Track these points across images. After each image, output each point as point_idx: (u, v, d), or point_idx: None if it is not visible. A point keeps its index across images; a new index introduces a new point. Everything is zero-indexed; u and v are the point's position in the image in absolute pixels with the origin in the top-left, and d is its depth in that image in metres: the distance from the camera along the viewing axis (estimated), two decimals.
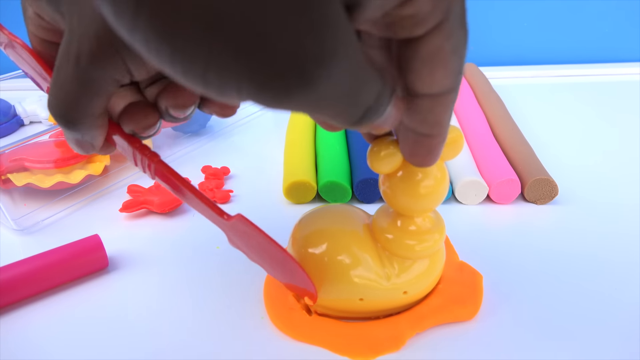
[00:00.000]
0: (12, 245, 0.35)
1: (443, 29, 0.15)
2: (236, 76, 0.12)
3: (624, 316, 0.27)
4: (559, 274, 0.30)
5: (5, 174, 0.38)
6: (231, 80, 0.13)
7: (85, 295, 0.30)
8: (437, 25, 0.15)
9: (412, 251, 0.25)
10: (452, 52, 0.16)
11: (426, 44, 0.15)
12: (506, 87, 0.60)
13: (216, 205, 0.22)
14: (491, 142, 0.43)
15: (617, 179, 0.41)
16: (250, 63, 0.12)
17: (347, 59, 0.13)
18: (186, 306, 0.29)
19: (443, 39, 0.15)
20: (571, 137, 0.49)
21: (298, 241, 0.26)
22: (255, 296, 0.29)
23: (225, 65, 0.12)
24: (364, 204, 0.38)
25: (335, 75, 0.13)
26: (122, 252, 0.33)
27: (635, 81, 0.63)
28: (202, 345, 0.26)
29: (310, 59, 0.12)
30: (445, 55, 0.15)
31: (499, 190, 0.37)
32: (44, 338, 0.27)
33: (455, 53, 0.16)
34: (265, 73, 0.12)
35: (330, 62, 0.13)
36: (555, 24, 0.71)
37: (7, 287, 0.28)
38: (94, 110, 0.19)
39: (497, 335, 0.26)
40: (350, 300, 0.26)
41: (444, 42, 0.15)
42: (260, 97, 0.13)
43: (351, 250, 0.25)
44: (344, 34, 0.13)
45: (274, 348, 0.26)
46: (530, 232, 0.34)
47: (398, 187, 0.23)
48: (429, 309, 0.27)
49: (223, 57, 0.12)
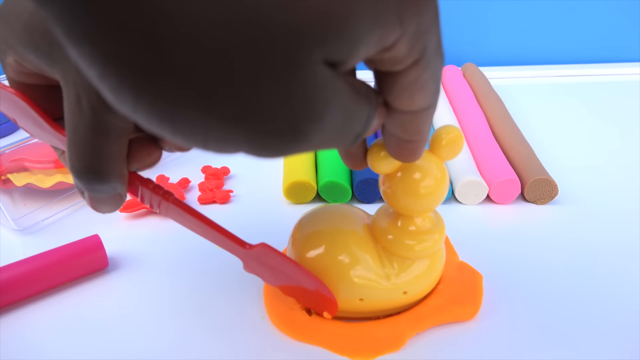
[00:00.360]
0: (12, 245, 0.35)
1: (420, 63, 0.16)
2: (235, 142, 0.14)
3: (624, 316, 0.27)
4: (558, 274, 0.30)
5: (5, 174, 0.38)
6: (230, 145, 0.14)
7: (85, 296, 0.30)
8: (415, 61, 0.15)
9: (412, 251, 0.25)
10: (430, 79, 0.16)
11: (405, 76, 0.16)
12: (506, 87, 0.60)
13: (236, 236, 0.23)
14: (491, 142, 0.43)
15: (617, 179, 0.41)
16: (248, 132, 0.13)
17: (337, 107, 0.14)
18: (186, 306, 0.29)
19: (421, 70, 0.16)
20: (571, 137, 0.49)
21: (298, 241, 0.26)
22: (255, 296, 0.29)
23: (224, 136, 0.13)
24: (364, 204, 0.38)
25: (327, 124, 0.14)
26: (122, 252, 0.33)
27: (635, 81, 0.63)
28: (202, 345, 0.26)
29: (302, 119, 0.13)
30: (424, 83, 0.16)
31: (499, 190, 0.37)
32: (44, 338, 0.27)
33: (433, 79, 0.17)
34: (263, 137, 0.13)
35: (321, 118, 0.14)
36: (555, 24, 0.71)
37: (7, 287, 0.28)
38: (119, 154, 0.19)
39: (497, 335, 0.26)
40: (350, 300, 0.26)
41: (421, 73, 0.16)
42: (259, 155, 0.14)
43: (351, 250, 0.25)
44: (332, 89, 0.14)
45: (274, 348, 0.26)
46: (530, 232, 0.34)
47: (398, 187, 0.23)
48: (429, 309, 0.27)
49: (221, 130, 0.13)
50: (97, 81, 0.12)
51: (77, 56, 0.12)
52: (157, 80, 0.12)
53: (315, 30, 0.12)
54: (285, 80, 0.13)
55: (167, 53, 0.12)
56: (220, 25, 0.11)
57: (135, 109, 0.13)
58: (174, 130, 0.13)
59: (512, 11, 0.70)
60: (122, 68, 0.12)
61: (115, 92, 0.12)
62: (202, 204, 0.39)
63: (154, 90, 0.12)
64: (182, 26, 0.11)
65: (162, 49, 0.11)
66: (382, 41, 0.14)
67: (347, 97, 0.15)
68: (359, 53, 0.14)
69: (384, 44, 0.14)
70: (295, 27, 0.12)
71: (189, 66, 0.12)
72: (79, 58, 0.12)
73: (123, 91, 0.12)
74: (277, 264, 0.25)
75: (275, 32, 0.12)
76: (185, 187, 0.41)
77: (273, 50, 0.12)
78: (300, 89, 0.13)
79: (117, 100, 0.13)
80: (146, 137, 0.21)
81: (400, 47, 0.15)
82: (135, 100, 0.12)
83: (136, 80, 0.12)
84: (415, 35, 0.15)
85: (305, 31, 0.12)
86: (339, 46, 0.13)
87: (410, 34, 0.14)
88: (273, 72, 0.12)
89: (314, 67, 0.13)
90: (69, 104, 0.18)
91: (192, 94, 0.12)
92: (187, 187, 0.41)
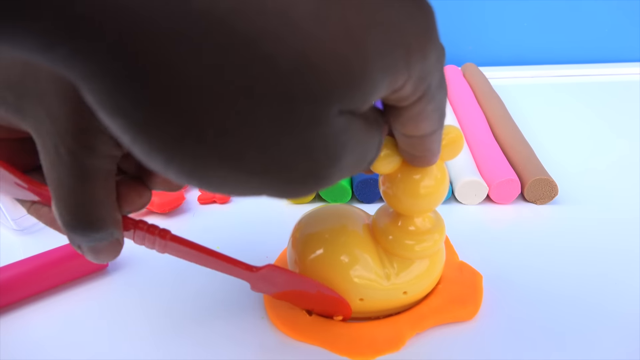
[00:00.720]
0: (12, 245, 0.35)
1: (424, 98, 0.16)
2: (259, 191, 0.15)
3: (624, 317, 0.27)
4: (558, 274, 0.30)
5: None
6: (255, 193, 0.15)
7: (85, 296, 0.30)
8: (419, 97, 0.16)
9: (412, 251, 0.25)
10: (434, 110, 0.17)
11: (410, 110, 0.17)
12: (506, 87, 0.60)
13: (240, 262, 0.23)
14: (491, 142, 0.43)
15: (617, 178, 0.41)
16: (273, 182, 0.14)
17: (352, 146, 0.15)
18: (186, 306, 0.29)
19: (425, 104, 0.17)
20: (571, 137, 0.49)
21: (298, 241, 0.26)
22: (255, 296, 0.29)
23: (251, 187, 0.15)
24: (364, 204, 0.38)
25: (345, 164, 0.15)
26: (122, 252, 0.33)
27: (635, 81, 0.63)
28: (202, 345, 0.26)
29: (323, 166, 0.15)
30: (428, 114, 0.17)
31: (498, 190, 0.37)
32: (44, 338, 0.27)
33: (437, 109, 0.17)
34: (286, 185, 0.15)
35: (340, 161, 0.15)
36: (555, 24, 0.71)
37: (7, 287, 0.28)
38: (108, 199, 0.19)
39: (497, 335, 0.26)
40: (350, 300, 0.25)
41: (425, 106, 0.17)
42: (281, 198, 0.16)
43: (351, 250, 0.25)
44: (347, 133, 0.15)
45: (274, 348, 0.26)
46: (530, 232, 0.34)
47: (398, 188, 0.23)
48: (429, 309, 0.27)
49: (248, 182, 0.14)
50: (129, 144, 0.13)
51: (109, 124, 0.13)
52: (187, 146, 0.13)
53: (336, 89, 0.13)
54: (308, 136, 0.14)
55: (196, 122, 0.12)
56: (246, 94, 0.12)
57: (166, 169, 0.14)
58: (202, 184, 0.14)
59: (512, 11, 0.70)
60: (153, 137, 0.13)
61: (147, 155, 0.13)
62: (202, 204, 0.39)
63: (184, 154, 0.13)
64: (208, 96, 0.12)
65: (190, 119, 0.12)
66: (391, 86, 0.15)
67: (362, 134, 0.16)
68: (372, 100, 0.15)
69: (392, 88, 0.15)
70: (317, 89, 0.13)
71: (218, 132, 0.13)
72: (110, 124, 0.13)
73: (155, 155, 0.13)
74: (284, 281, 0.25)
75: (298, 95, 0.13)
76: (185, 188, 0.41)
77: (296, 111, 0.13)
78: (321, 141, 0.14)
79: (149, 161, 0.14)
80: (133, 179, 0.21)
81: (406, 89, 0.15)
82: (166, 162, 0.13)
83: (167, 146, 0.13)
84: (420, 78, 0.15)
85: (327, 91, 0.13)
86: (356, 99, 0.14)
87: (415, 77, 0.15)
88: (296, 131, 0.13)
89: (333, 120, 0.14)
90: (47, 155, 0.17)
91: (222, 156, 0.13)
92: (187, 187, 0.41)
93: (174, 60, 0.11)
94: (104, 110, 0.12)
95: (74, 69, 0.11)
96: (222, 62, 0.12)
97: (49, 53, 0.11)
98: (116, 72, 0.11)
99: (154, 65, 0.11)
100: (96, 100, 0.12)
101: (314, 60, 0.12)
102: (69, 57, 0.11)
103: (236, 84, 0.12)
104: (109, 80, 0.11)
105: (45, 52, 0.11)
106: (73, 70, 0.11)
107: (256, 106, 0.12)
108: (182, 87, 0.12)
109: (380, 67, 0.14)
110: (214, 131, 0.12)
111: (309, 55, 0.12)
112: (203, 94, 0.12)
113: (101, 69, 0.11)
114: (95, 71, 0.11)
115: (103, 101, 0.12)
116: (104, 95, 0.12)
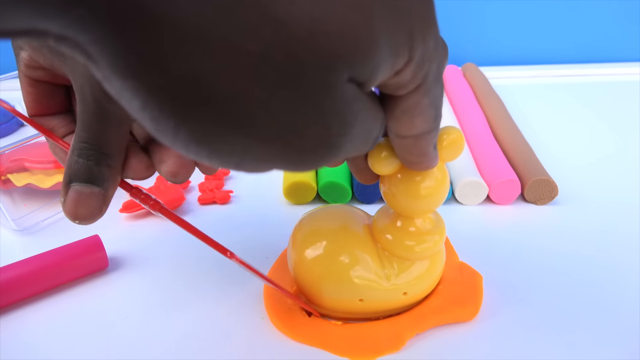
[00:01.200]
0: (12, 245, 0.35)
1: (421, 89, 0.17)
2: (270, 161, 0.15)
3: (625, 316, 0.27)
4: (559, 275, 0.30)
5: (5, 175, 0.38)
6: (265, 164, 0.15)
7: (85, 296, 0.30)
8: (416, 87, 0.17)
9: (412, 252, 0.25)
10: (429, 105, 0.17)
11: (406, 100, 0.17)
12: (506, 87, 0.60)
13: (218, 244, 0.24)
14: (491, 142, 0.43)
15: (617, 179, 0.41)
16: (284, 150, 0.14)
17: (362, 117, 0.16)
18: (186, 306, 0.29)
19: (421, 96, 0.17)
20: (571, 137, 0.49)
21: (298, 242, 0.26)
22: (255, 296, 0.29)
23: (260, 155, 0.14)
24: (364, 204, 0.38)
25: (356, 134, 0.16)
26: (122, 252, 0.33)
27: (635, 81, 0.63)
28: (202, 345, 0.26)
29: (336, 134, 0.15)
30: (423, 108, 0.17)
31: (499, 191, 0.37)
32: (44, 339, 0.27)
33: (432, 105, 0.18)
34: (298, 154, 0.15)
35: (352, 129, 0.15)
36: (555, 24, 0.71)
37: (8, 288, 0.28)
38: (119, 144, 0.21)
39: (498, 336, 0.26)
40: (351, 301, 0.25)
41: (422, 98, 0.17)
42: (292, 170, 0.15)
43: (351, 251, 0.25)
44: (358, 102, 0.15)
45: (274, 349, 0.26)
46: (530, 233, 0.34)
47: (398, 189, 0.23)
48: (429, 310, 0.27)
49: (259, 150, 0.14)
50: (138, 111, 0.13)
51: (120, 88, 0.13)
52: (198, 110, 0.13)
53: (345, 55, 0.13)
54: (320, 99, 0.14)
55: (207, 84, 0.12)
56: (256, 56, 0.12)
57: (175, 136, 0.13)
58: (210, 152, 0.14)
59: (512, 11, 0.70)
60: (164, 100, 0.12)
61: (156, 121, 0.13)
62: (202, 204, 0.39)
63: (194, 118, 0.13)
64: (220, 59, 0.12)
65: (201, 81, 0.12)
66: (394, 67, 0.15)
67: (369, 106, 0.16)
68: (378, 77, 0.15)
69: (395, 69, 0.15)
70: (328, 53, 0.13)
71: (229, 95, 0.13)
72: (121, 90, 0.13)
73: (164, 120, 0.13)
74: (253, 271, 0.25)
75: (310, 59, 0.13)
76: (185, 188, 0.41)
77: (308, 75, 0.13)
78: (333, 106, 0.14)
79: (158, 128, 0.13)
80: (143, 150, 0.23)
81: (406, 73, 0.16)
82: (176, 127, 0.13)
83: (177, 110, 0.13)
84: (419, 63, 0.16)
85: (337, 56, 0.13)
86: (364, 69, 0.14)
87: (415, 61, 0.15)
88: (308, 95, 0.13)
89: (344, 85, 0.14)
90: (76, 94, 0.20)
91: (232, 120, 0.13)
92: (187, 187, 0.41)
93: (186, 20, 0.11)
94: (116, 73, 0.12)
95: (88, 32, 0.11)
96: (234, 24, 0.12)
97: (65, 15, 0.11)
98: (131, 31, 0.11)
99: (168, 24, 0.11)
100: (108, 64, 0.12)
101: (325, 25, 0.13)
102: (84, 18, 0.11)
103: (248, 47, 0.12)
104: (123, 40, 0.11)
105: (61, 15, 0.11)
106: (87, 32, 0.11)
107: (267, 69, 0.12)
108: (194, 47, 0.12)
109: (386, 41, 0.14)
110: (224, 94, 0.12)
111: (320, 19, 0.12)
112: (215, 55, 0.12)
113: (117, 27, 0.11)
114: (109, 31, 0.11)
115: (114, 64, 0.12)
116: (116, 57, 0.12)
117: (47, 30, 0.12)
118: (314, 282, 0.26)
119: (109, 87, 0.13)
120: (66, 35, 0.12)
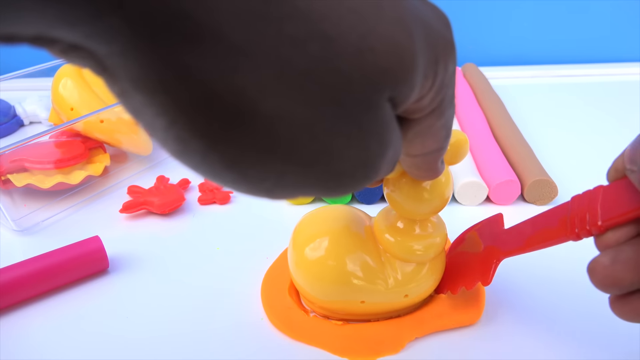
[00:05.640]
0: (12, 246, 0.35)
1: (436, 112, 0.16)
2: (305, 187, 0.14)
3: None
4: (560, 277, 0.30)
5: (5, 175, 0.38)
6: (298, 190, 0.14)
7: (85, 297, 0.30)
8: (432, 110, 0.16)
9: (414, 254, 0.25)
10: (442, 127, 0.17)
11: (420, 123, 0.17)
12: (506, 87, 0.60)
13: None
14: (491, 142, 0.43)
15: None
16: (321, 175, 0.13)
17: (395, 138, 0.15)
18: (186, 307, 0.29)
19: (435, 119, 0.17)
20: (571, 137, 0.49)
21: (298, 243, 0.26)
22: (254, 297, 0.29)
23: (296, 182, 0.13)
24: (364, 205, 0.38)
25: (390, 155, 0.15)
26: (122, 253, 0.33)
27: (635, 81, 0.63)
28: (202, 345, 0.26)
29: (375, 155, 0.14)
30: (436, 130, 0.17)
31: (498, 191, 0.37)
32: (45, 339, 0.27)
33: (444, 127, 0.17)
34: (335, 178, 0.14)
35: (388, 150, 0.15)
36: (555, 24, 0.71)
37: (8, 289, 0.28)
38: None
39: (498, 339, 0.26)
40: (351, 302, 0.25)
41: (435, 121, 0.17)
42: (324, 196, 0.15)
43: (352, 252, 0.25)
44: (394, 124, 0.15)
45: (274, 349, 0.26)
46: None
47: (402, 191, 0.23)
48: (431, 314, 0.27)
49: (295, 174, 0.13)
50: (162, 130, 0.12)
51: (141, 104, 0.12)
52: (235, 131, 0.12)
53: (390, 73, 0.13)
54: (363, 119, 0.13)
55: (249, 102, 0.11)
56: (301, 72, 0.12)
57: (202, 160, 0.12)
58: (239, 178, 0.13)
59: (512, 11, 0.70)
60: (197, 118, 0.11)
61: (182, 142, 0.12)
62: (202, 204, 0.39)
63: (229, 140, 0.12)
64: (266, 74, 0.11)
65: (244, 99, 0.11)
66: (421, 91, 0.15)
67: (398, 127, 0.16)
68: (411, 98, 0.15)
69: (422, 93, 0.15)
70: (374, 70, 0.12)
71: (271, 114, 0.12)
72: (142, 106, 0.12)
73: (193, 141, 0.12)
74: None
75: (355, 76, 0.12)
76: (185, 188, 0.41)
77: (353, 92, 0.12)
78: (374, 126, 0.14)
79: (182, 150, 0.12)
80: None
81: (426, 98, 0.15)
82: (205, 151, 0.12)
83: (211, 130, 0.12)
84: (439, 88, 0.15)
85: (382, 74, 0.13)
86: (405, 88, 0.14)
87: (436, 86, 0.15)
88: (352, 113, 0.13)
89: (384, 105, 0.14)
90: None
91: (271, 142, 0.12)
92: (188, 187, 0.41)
93: (233, 32, 0.11)
94: (139, 88, 0.11)
95: (113, 43, 0.10)
96: (282, 38, 0.11)
97: (91, 24, 0.10)
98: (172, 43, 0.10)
99: (214, 36, 0.10)
100: (130, 77, 0.11)
101: (372, 42, 0.12)
102: (113, 28, 0.10)
103: (293, 62, 0.11)
104: (159, 52, 0.10)
105: (86, 24, 0.10)
106: (111, 44, 0.10)
107: (312, 86, 0.12)
108: (240, 61, 0.11)
109: (422, 60, 0.14)
110: (266, 113, 0.11)
111: (368, 37, 0.12)
112: (261, 70, 0.11)
113: (154, 38, 0.10)
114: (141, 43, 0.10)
115: (139, 78, 0.11)
116: (145, 71, 0.11)
117: (58, 39, 0.11)
118: (314, 283, 0.26)
119: (125, 102, 0.12)
120: (82, 45, 0.11)
